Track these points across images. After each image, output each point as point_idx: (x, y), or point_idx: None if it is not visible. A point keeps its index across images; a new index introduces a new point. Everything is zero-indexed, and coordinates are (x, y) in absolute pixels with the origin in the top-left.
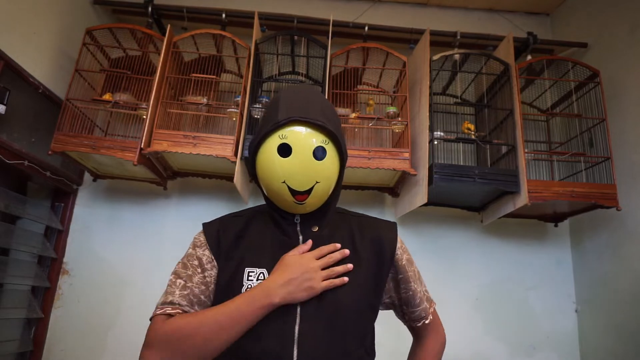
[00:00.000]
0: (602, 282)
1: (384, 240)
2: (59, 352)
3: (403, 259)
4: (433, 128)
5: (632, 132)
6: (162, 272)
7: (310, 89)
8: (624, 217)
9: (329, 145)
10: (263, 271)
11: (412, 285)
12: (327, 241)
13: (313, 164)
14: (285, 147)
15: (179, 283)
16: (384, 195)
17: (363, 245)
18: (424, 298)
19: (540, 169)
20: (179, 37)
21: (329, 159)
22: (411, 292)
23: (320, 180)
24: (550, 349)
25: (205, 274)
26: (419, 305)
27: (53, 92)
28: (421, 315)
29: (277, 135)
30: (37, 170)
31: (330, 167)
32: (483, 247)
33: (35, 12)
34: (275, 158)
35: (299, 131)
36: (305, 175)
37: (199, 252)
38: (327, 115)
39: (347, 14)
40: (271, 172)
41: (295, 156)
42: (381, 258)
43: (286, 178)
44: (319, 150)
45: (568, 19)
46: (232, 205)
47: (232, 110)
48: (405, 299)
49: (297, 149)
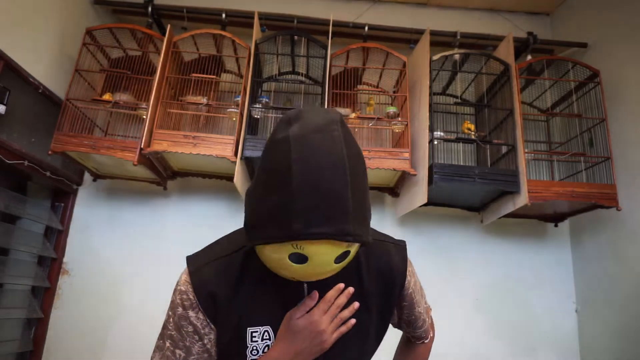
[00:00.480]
0: (602, 282)
1: (394, 272)
2: (59, 352)
3: (410, 288)
4: (433, 128)
5: (632, 132)
6: (162, 272)
7: (334, 149)
8: (624, 217)
9: (353, 246)
10: (267, 329)
11: (416, 310)
12: (332, 282)
13: (331, 267)
14: (300, 257)
15: (179, 355)
16: (384, 195)
17: (370, 279)
18: (426, 318)
19: (540, 169)
20: (179, 37)
21: (350, 255)
22: (414, 317)
23: (336, 270)
24: (550, 349)
25: (205, 341)
26: (421, 327)
27: (53, 92)
28: (421, 335)
29: (292, 245)
30: (37, 170)
31: (350, 257)
32: (483, 247)
33: (35, 12)
34: (286, 263)
35: (320, 246)
36: (321, 276)
37: (191, 316)
38: (358, 210)
39: (347, 14)
40: (279, 270)
41: (311, 264)
42: (390, 290)
43: (297, 277)
44: (341, 256)
45: (568, 19)
46: (232, 205)
47: (232, 110)
48: (408, 321)
49: (315, 259)
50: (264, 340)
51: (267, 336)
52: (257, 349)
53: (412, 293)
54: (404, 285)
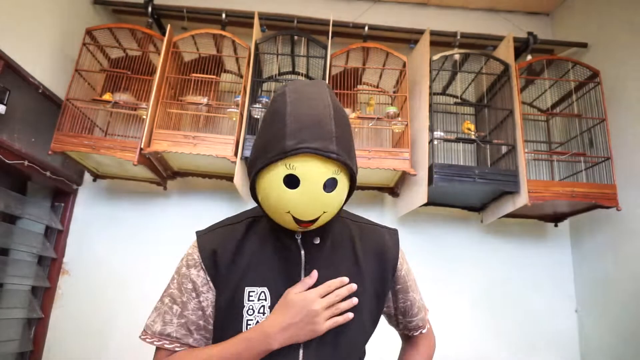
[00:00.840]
0: (602, 282)
1: (387, 254)
2: (59, 352)
3: (402, 270)
4: (433, 128)
5: (632, 132)
6: (161, 272)
7: (321, 96)
8: (624, 217)
9: (340, 174)
10: (264, 290)
11: (410, 295)
12: (329, 254)
13: (322, 196)
14: (292, 178)
15: (175, 310)
16: (384, 195)
17: (366, 260)
18: (421, 307)
19: (540, 169)
20: (179, 37)
21: (339, 189)
22: (409, 302)
23: (327, 210)
24: (550, 349)
25: (201, 298)
26: (417, 315)
27: (53, 92)
28: (418, 324)
29: (285, 164)
30: (37, 170)
31: (339, 196)
32: (483, 247)
33: (35, 12)
34: (281, 189)
35: (310, 164)
36: (313, 207)
37: (192, 274)
38: (341, 138)
39: (347, 14)
40: (275, 201)
41: (303, 189)
42: (384, 274)
43: (291, 209)
44: (329, 183)
45: (568, 19)
46: (232, 205)
47: (232, 110)
48: (403, 308)
49: (305, 181)
50: (260, 301)
51: (263, 297)
52: (253, 308)
53: (406, 276)
54: (396, 267)
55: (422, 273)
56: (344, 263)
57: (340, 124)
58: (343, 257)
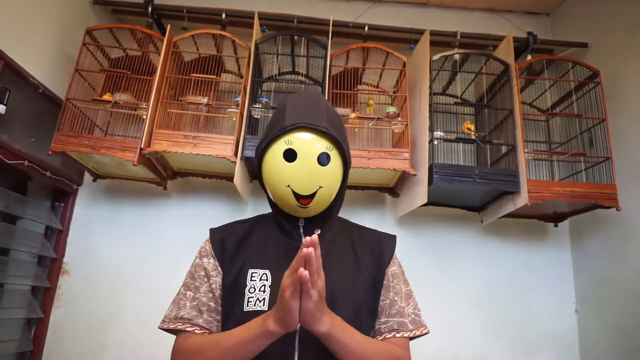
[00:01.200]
0: (602, 282)
1: (383, 252)
2: (59, 352)
3: (391, 270)
4: (433, 128)
5: (632, 132)
6: (162, 272)
7: (317, 95)
8: (624, 217)
9: (333, 151)
10: (266, 272)
11: (391, 295)
12: (330, 245)
13: (317, 169)
14: (290, 152)
15: (189, 295)
16: (384, 195)
17: (363, 253)
18: (404, 314)
19: (540, 169)
20: (179, 37)
21: (333, 165)
22: (388, 302)
23: (323, 185)
24: (550, 349)
25: (211, 281)
26: (394, 317)
27: (53, 92)
28: (393, 327)
29: (283, 140)
30: (37, 170)
31: (333, 173)
32: (483, 247)
33: (35, 12)
34: (281, 162)
35: (304, 137)
36: (309, 180)
37: (204, 262)
38: (333, 123)
39: (347, 14)
40: (276, 176)
41: (300, 161)
42: (379, 265)
43: (291, 182)
44: (323, 156)
45: (568, 19)
46: (232, 205)
47: (232, 110)
48: (381, 307)
49: (302, 154)
50: (262, 281)
51: (264, 277)
52: (255, 287)
53: (392, 277)
54: (388, 264)
55: (421, 273)
56: (343, 255)
57: (332, 117)
58: (343, 250)
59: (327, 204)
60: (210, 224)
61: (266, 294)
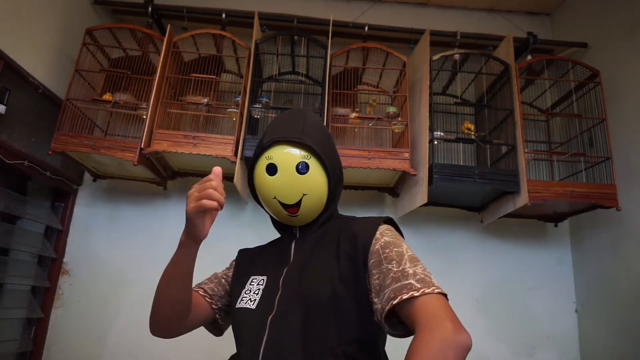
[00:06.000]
0: (602, 282)
1: (362, 230)
2: (59, 352)
3: (378, 244)
4: (433, 128)
5: (632, 132)
6: (161, 272)
7: (296, 111)
8: (624, 217)
9: (311, 159)
10: (263, 278)
11: (384, 266)
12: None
13: (297, 178)
14: (271, 167)
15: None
16: (384, 195)
17: (344, 238)
18: (408, 275)
19: (540, 169)
20: (179, 37)
21: (313, 172)
22: (382, 274)
23: (307, 192)
24: (550, 349)
25: (229, 271)
26: (390, 285)
27: (53, 92)
28: (390, 295)
29: (264, 156)
30: (37, 170)
31: (315, 180)
32: (483, 247)
33: (35, 12)
34: (265, 177)
35: (281, 150)
36: (292, 189)
37: (224, 270)
38: (309, 133)
39: (347, 14)
40: (264, 190)
41: (280, 173)
42: (356, 247)
43: (276, 194)
44: (301, 165)
45: (568, 19)
46: (232, 205)
47: (232, 110)
48: (378, 285)
49: (281, 166)
50: (258, 285)
51: (261, 283)
52: (251, 290)
53: (381, 249)
54: (370, 243)
55: None
56: (327, 246)
57: (310, 128)
58: (329, 242)
59: (318, 209)
60: None
61: (258, 295)
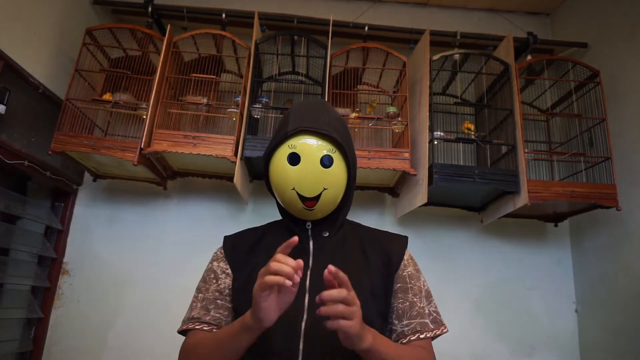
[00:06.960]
0: (602, 282)
1: (394, 253)
2: (59, 352)
3: (406, 271)
4: (433, 128)
5: (632, 132)
6: (162, 272)
7: (320, 102)
8: (624, 217)
9: (335, 154)
10: None
11: (410, 296)
12: (338, 246)
13: (320, 172)
14: (294, 156)
15: (200, 297)
16: (384, 195)
17: (373, 254)
18: (424, 315)
19: (540, 169)
20: (179, 37)
21: (336, 167)
22: (408, 304)
23: (327, 187)
24: (550, 349)
25: (219, 282)
26: (416, 318)
27: (53, 92)
28: (416, 328)
29: (287, 144)
30: (37, 170)
31: (337, 175)
32: (483, 247)
33: (35, 12)
34: (285, 166)
35: (307, 141)
36: (313, 182)
37: (214, 265)
38: (335, 126)
39: (347, 14)
40: (282, 179)
41: (303, 164)
42: (388, 268)
43: (295, 185)
44: (326, 159)
45: (568, 19)
46: (232, 205)
47: (232, 110)
48: (401, 310)
49: (305, 157)
50: None
51: None
52: None
53: (408, 279)
54: (399, 266)
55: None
56: (352, 255)
57: (335, 121)
58: (352, 250)
59: (333, 206)
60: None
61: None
